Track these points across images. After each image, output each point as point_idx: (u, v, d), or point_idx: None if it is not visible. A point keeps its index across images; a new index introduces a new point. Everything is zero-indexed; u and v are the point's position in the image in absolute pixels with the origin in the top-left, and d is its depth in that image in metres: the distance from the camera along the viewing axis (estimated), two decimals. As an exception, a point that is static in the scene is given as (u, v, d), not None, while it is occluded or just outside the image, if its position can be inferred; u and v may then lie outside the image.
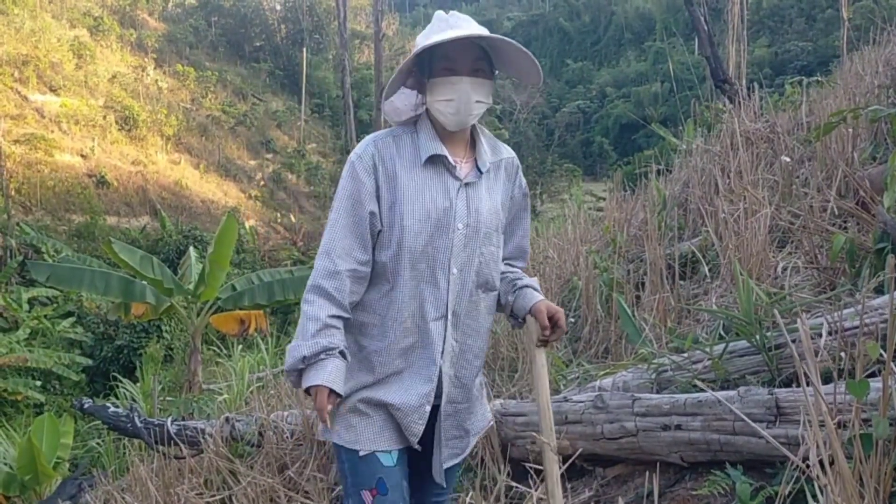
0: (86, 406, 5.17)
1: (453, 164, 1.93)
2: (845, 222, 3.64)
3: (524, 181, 2.14)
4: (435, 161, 1.92)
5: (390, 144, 1.93)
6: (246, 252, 25.65)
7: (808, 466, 1.53)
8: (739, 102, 6.21)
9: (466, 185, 1.95)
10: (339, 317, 1.87)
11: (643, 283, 4.44)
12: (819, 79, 7.95)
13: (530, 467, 2.90)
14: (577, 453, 2.77)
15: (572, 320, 4.89)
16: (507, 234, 2.10)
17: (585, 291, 4.71)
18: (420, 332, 1.91)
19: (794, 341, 2.22)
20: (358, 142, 2.03)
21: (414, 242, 1.87)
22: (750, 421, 1.96)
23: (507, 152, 2.10)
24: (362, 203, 1.87)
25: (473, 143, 2.02)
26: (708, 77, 10.71)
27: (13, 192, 24.09)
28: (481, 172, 1.98)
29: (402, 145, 1.93)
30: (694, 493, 2.39)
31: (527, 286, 2.07)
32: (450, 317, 1.93)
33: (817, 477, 1.49)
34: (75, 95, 31.92)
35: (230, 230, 10.23)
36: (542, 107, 69.02)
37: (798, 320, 1.72)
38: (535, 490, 2.63)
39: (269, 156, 39.68)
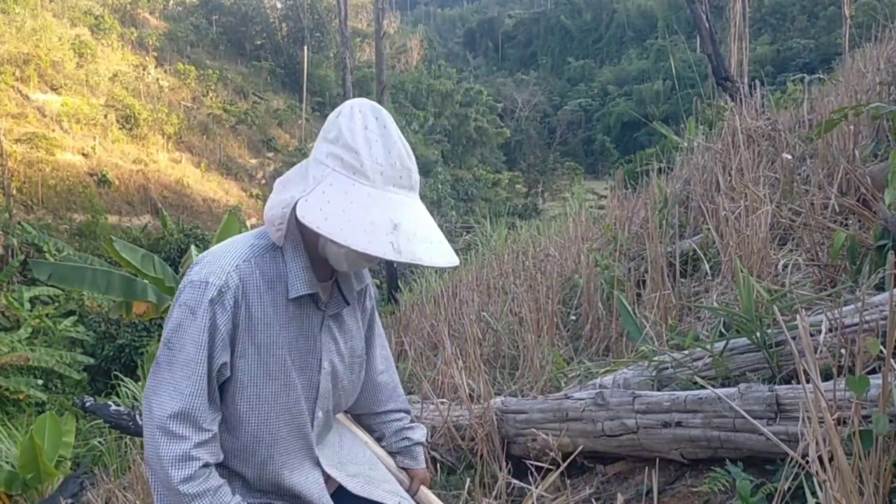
0: (87, 404, 5.18)
1: (320, 295, 1.67)
2: (846, 219, 3.64)
3: (372, 289, 1.95)
4: (302, 297, 1.64)
5: (255, 273, 1.57)
6: (247, 250, 25.66)
7: (807, 463, 1.53)
8: (741, 100, 6.20)
9: (331, 316, 1.71)
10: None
11: (644, 281, 4.44)
12: (821, 76, 7.95)
13: (531, 464, 2.90)
14: (578, 450, 2.77)
15: (573, 318, 4.90)
16: (367, 348, 1.90)
17: (586, 289, 4.71)
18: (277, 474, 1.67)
19: (794, 338, 2.22)
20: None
21: (272, 391, 1.61)
22: (750, 418, 1.96)
23: (368, 277, 1.88)
24: (215, 355, 1.53)
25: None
26: (709, 75, 10.70)
27: (15, 192, 24.12)
28: (347, 303, 1.75)
29: (266, 273, 1.59)
30: (694, 489, 2.39)
31: (417, 445, 2.02)
32: (316, 449, 1.74)
33: (816, 473, 1.50)
34: (76, 94, 31.95)
35: (231, 229, 10.23)
36: (543, 105, 69.12)
37: (798, 317, 1.72)
38: (536, 487, 2.63)
39: (271, 154, 39.72)
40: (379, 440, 2.01)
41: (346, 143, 1.49)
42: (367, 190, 1.47)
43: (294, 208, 1.50)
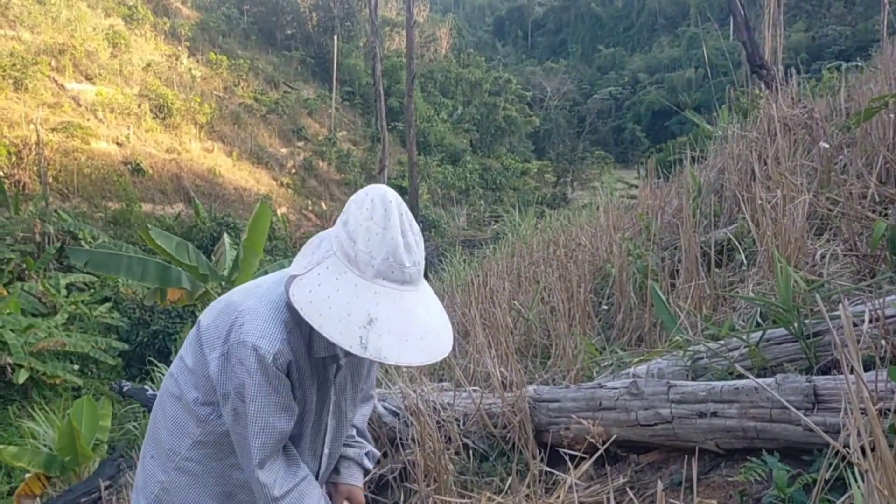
0: (125, 389, 5.29)
1: (338, 353, 1.86)
2: (886, 209, 3.58)
3: None
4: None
5: (298, 341, 1.75)
6: (278, 239, 25.90)
7: (849, 453, 1.52)
8: (776, 88, 6.11)
9: (346, 363, 1.91)
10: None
11: (677, 271, 4.41)
12: (858, 63, 7.80)
13: (564, 452, 2.91)
14: (612, 440, 2.77)
15: (605, 307, 4.88)
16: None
17: (619, 278, 4.69)
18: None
19: (834, 328, 2.20)
20: (388, 129, 1.84)
21: (298, 431, 1.86)
22: (793, 408, 1.95)
23: None
24: (289, 405, 1.76)
25: None
26: (743, 62, 10.54)
27: (51, 180, 24.52)
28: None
29: (302, 338, 1.76)
30: (730, 479, 2.38)
31: (356, 464, 2.10)
32: (325, 453, 1.97)
33: (858, 462, 1.49)
34: (110, 84, 32.33)
35: (264, 217, 10.35)
36: (573, 93, 68.62)
37: (840, 307, 1.70)
38: (572, 476, 2.64)
39: (301, 143, 39.90)
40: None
41: (349, 232, 1.60)
42: (355, 280, 1.57)
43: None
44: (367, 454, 2.12)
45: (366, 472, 2.16)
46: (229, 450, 1.80)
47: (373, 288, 1.56)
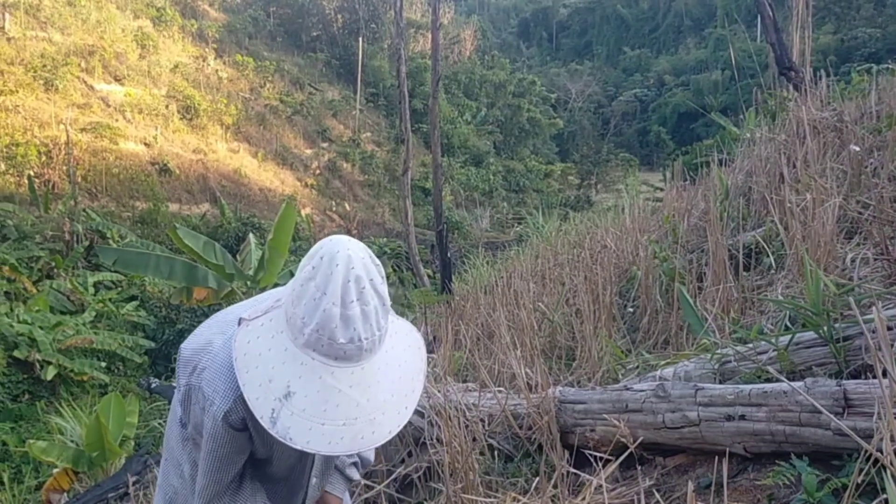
0: (153, 386, 5.35)
1: None
2: (918, 213, 3.54)
3: None
4: None
5: None
6: (302, 240, 26.04)
7: (882, 456, 1.51)
8: (805, 90, 6.05)
9: None
10: None
11: (704, 274, 4.39)
12: (889, 66, 7.70)
13: (590, 454, 2.90)
14: (638, 442, 2.76)
15: (631, 310, 4.87)
16: None
17: (645, 281, 4.68)
18: None
19: (864, 332, 2.18)
20: (412, 131, 1.76)
21: (270, 469, 1.82)
22: (826, 411, 1.94)
23: None
24: (238, 456, 1.69)
25: None
26: (770, 64, 10.44)
27: (80, 179, 24.86)
28: None
29: None
30: (758, 483, 2.37)
31: (337, 470, 2.03)
32: (313, 483, 1.93)
33: (891, 466, 1.48)
34: (139, 85, 32.70)
35: (289, 217, 10.42)
36: (597, 95, 68.43)
37: (874, 309, 1.69)
38: (601, 477, 2.64)
39: (325, 145, 40.10)
40: None
41: (296, 289, 1.45)
42: (286, 343, 1.44)
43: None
44: (354, 463, 2.04)
45: (350, 481, 2.06)
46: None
47: (301, 358, 1.42)
